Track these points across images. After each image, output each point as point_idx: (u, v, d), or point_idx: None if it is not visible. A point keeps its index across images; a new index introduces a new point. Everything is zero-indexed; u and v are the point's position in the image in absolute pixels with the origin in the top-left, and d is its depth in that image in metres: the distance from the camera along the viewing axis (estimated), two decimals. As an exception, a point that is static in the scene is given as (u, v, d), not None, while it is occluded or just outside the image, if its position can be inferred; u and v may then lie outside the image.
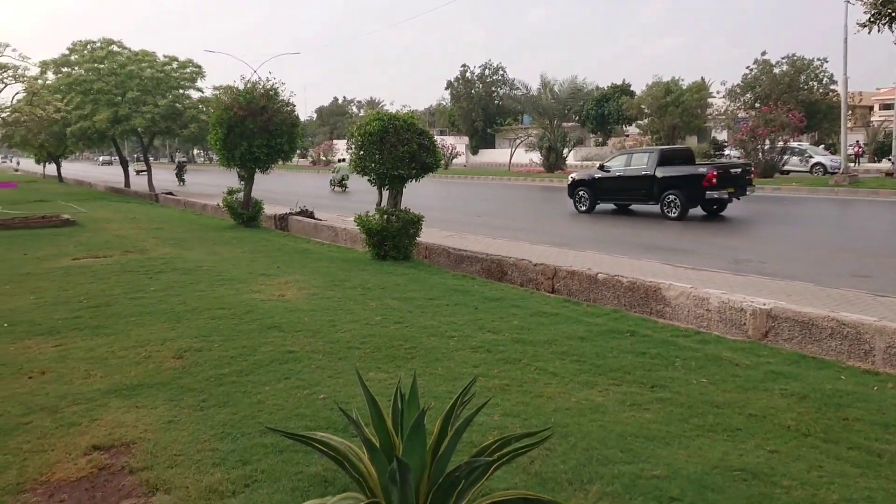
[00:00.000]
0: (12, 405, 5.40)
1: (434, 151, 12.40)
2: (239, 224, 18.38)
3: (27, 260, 12.88)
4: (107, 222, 19.69)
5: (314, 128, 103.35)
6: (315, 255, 13.24)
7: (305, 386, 5.68)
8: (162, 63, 33.82)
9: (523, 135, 55.23)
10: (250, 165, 17.72)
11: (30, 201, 27.98)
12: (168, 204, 27.97)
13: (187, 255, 13.25)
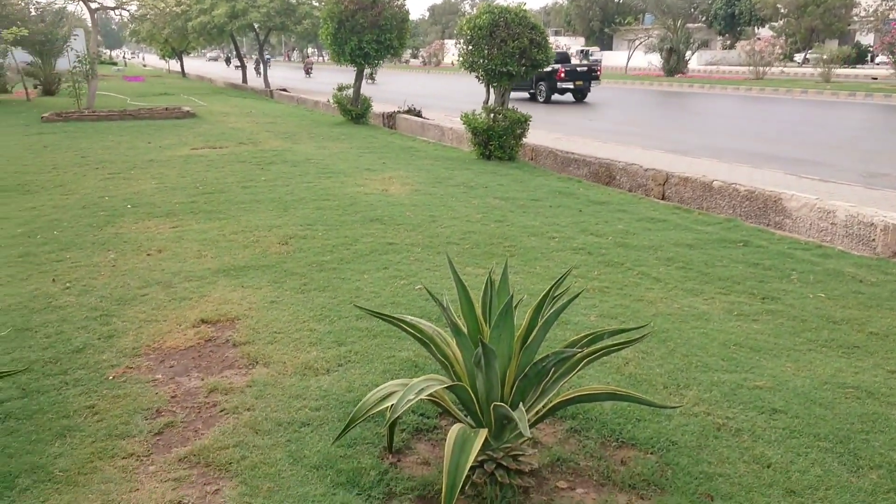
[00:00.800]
0: (132, 278, 5.76)
1: (545, 48, 11.86)
2: (348, 120, 18.54)
3: (151, 148, 13.54)
4: (224, 115, 20.35)
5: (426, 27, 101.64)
6: (420, 153, 13.21)
7: (403, 276, 5.73)
8: (278, -43, 33.72)
9: (643, 36, 52.16)
10: (360, 61, 17.63)
11: (155, 94, 29.27)
12: (281, 100, 28.54)
13: (297, 148, 13.53)
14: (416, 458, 3.14)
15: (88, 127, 17.14)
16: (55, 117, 18.44)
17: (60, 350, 4.33)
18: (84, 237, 7.10)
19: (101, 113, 19.40)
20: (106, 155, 12.64)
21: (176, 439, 3.34)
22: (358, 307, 3.81)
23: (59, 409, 3.61)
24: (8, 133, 15.91)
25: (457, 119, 16.93)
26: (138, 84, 37.15)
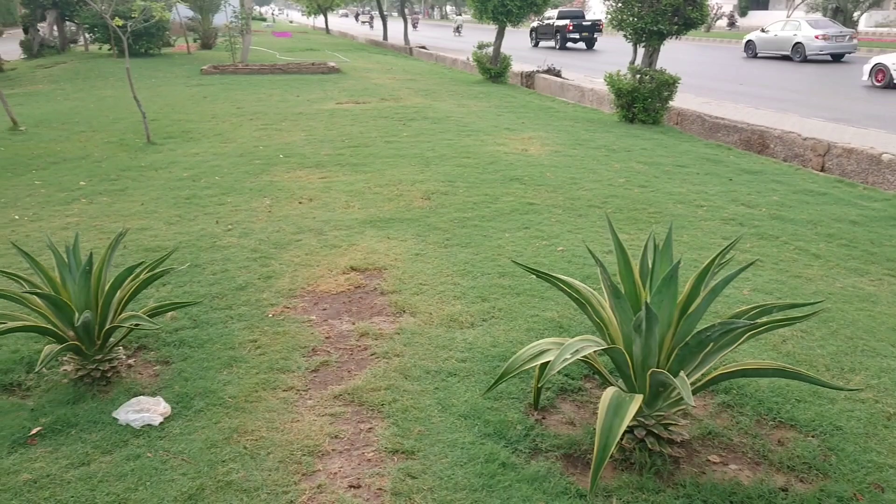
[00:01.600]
0: (286, 224, 6.08)
1: (701, 5, 11.23)
2: (486, 79, 18.47)
3: (299, 101, 14.12)
4: (366, 72, 20.84)
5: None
6: (559, 114, 12.97)
7: (544, 237, 5.70)
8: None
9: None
10: (502, 19, 17.44)
11: (302, 49, 30.37)
12: (420, 57, 28.81)
13: (437, 105, 13.66)
14: (561, 417, 3.15)
15: (243, 80, 18.09)
16: (213, 70, 19.58)
17: (225, 287, 4.65)
18: (242, 183, 7.55)
19: (253, 67, 20.40)
20: (259, 106, 13.31)
21: (331, 377, 3.52)
22: (515, 262, 3.81)
23: (225, 340, 3.90)
24: (172, 84, 17.08)
25: (597, 80, 16.46)
26: (286, 40, 38.64)
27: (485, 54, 18.55)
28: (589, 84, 15.85)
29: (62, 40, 28.13)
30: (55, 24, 27.71)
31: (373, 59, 26.45)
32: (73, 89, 16.62)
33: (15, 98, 13.68)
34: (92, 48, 28.79)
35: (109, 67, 21.29)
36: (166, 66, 21.65)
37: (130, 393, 3.34)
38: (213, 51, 28.33)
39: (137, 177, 7.93)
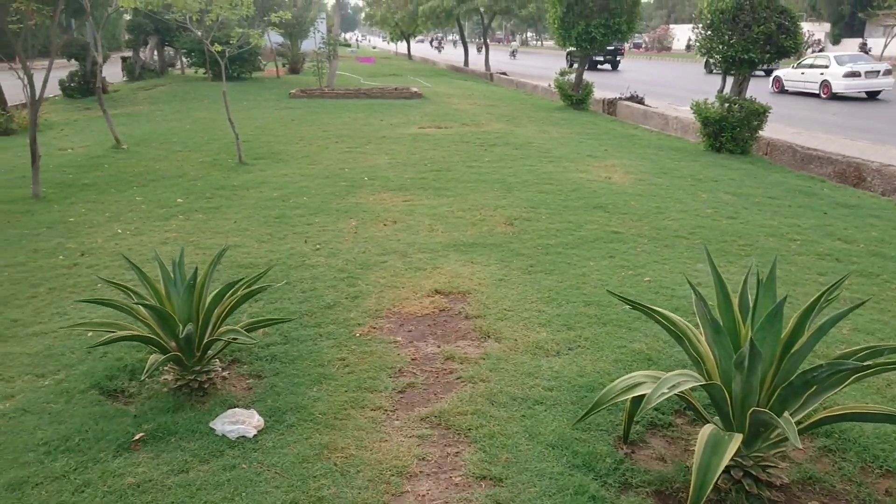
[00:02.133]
0: (372, 245, 6.20)
1: (795, 34, 10.92)
2: (568, 105, 18.42)
3: (383, 125, 14.43)
4: (447, 97, 21.12)
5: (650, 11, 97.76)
6: (643, 142, 12.80)
7: (630, 267, 5.62)
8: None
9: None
10: (585, 45, 17.40)
11: (385, 75, 31.07)
12: (501, 83, 28.99)
13: (518, 131, 13.70)
14: (651, 452, 3.08)
15: (329, 103, 18.63)
16: (300, 94, 20.26)
17: (314, 305, 4.78)
18: (329, 204, 7.75)
19: (339, 91, 21.00)
20: (344, 130, 13.67)
21: (417, 399, 3.56)
22: (610, 293, 3.79)
23: (315, 357, 4.00)
24: (262, 107, 17.75)
25: (682, 108, 16.18)
26: (369, 65, 39.61)
27: (566, 81, 18.53)
28: (673, 112, 15.60)
29: (161, 64, 29.70)
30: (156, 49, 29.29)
31: (454, 84, 26.79)
32: (170, 110, 17.49)
33: (118, 118, 14.48)
34: (188, 72, 30.28)
35: (204, 90, 22.31)
36: (257, 90, 22.53)
37: (226, 404, 3.46)
38: (301, 75, 29.33)
39: (230, 195, 8.25)
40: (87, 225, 7.04)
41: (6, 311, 4.78)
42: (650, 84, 26.86)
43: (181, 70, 31.56)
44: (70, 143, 12.64)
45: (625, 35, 17.36)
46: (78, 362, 3.95)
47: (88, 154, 11.24)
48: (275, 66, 29.51)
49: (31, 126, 8.36)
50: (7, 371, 3.88)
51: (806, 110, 18.56)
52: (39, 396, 3.58)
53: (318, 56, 22.81)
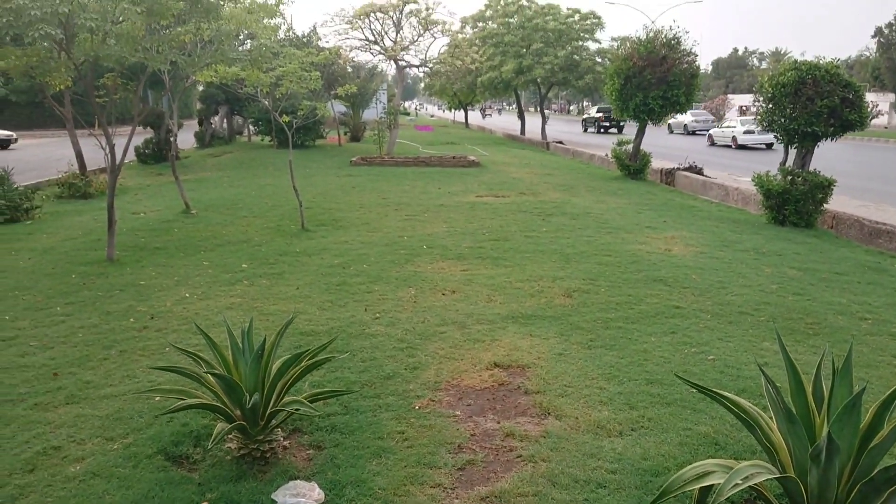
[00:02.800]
0: (431, 315, 6.25)
1: (860, 107, 10.79)
2: (625, 175, 18.43)
3: (441, 193, 14.67)
4: (504, 165, 21.40)
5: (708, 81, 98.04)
6: (702, 213, 12.67)
7: (693, 344, 5.51)
8: (565, 16, 35.02)
9: (974, 92, 44.91)
10: (643, 117, 17.52)
11: (443, 143, 31.76)
12: (557, 152, 29.28)
13: (575, 200, 13.75)
14: (721, 544, 2.96)
15: (388, 171, 19.09)
16: (361, 161, 20.84)
17: (374, 375, 4.81)
18: (388, 272, 7.87)
19: (398, 159, 21.53)
20: (403, 197, 13.95)
21: (477, 477, 3.52)
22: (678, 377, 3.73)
23: (374, 429, 4.01)
24: (324, 174, 18.30)
25: (742, 179, 16.03)
26: (428, 133, 40.59)
27: (624, 151, 18.60)
28: (733, 183, 15.46)
29: (230, 132, 31.05)
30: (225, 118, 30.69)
31: (511, 153, 27.17)
32: (237, 177, 18.18)
33: (188, 184, 15.11)
34: (254, 139, 31.55)
35: (269, 157, 23.17)
36: (319, 157, 23.27)
37: (287, 475, 3.49)
38: (362, 143, 30.22)
39: (293, 262, 8.46)
40: (157, 288, 7.30)
41: (80, 372, 4.96)
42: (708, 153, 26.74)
43: (248, 137, 32.91)
44: (143, 207, 13.22)
45: (683, 106, 17.42)
46: (146, 426, 4.05)
47: (160, 218, 11.73)
48: (337, 134, 30.50)
49: (110, 193, 8.80)
50: (79, 433, 4.01)
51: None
52: (108, 460, 3.68)
53: (379, 125, 23.54)
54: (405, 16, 23.38)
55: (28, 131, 39.04)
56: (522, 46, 34.34)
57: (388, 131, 23.68)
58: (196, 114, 31.87)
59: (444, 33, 24.24)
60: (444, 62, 24.95)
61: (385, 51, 23.89)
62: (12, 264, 8.54)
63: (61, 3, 6.49)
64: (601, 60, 33.98)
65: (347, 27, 23.42)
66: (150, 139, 22.38)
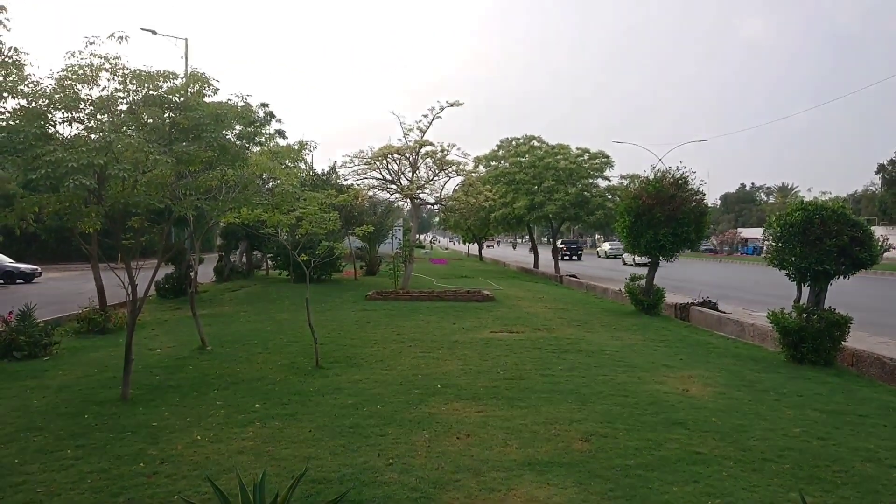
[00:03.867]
0: (445, 461, 6.12)
1: (870, 245, 10.94)
2: (639, 310, 18.45)
3: (456, 329, 14.70)
4: (518, 300, 21.51)
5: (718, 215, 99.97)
6: (719, 350, 12.57)
7: (717, 494, 5.33)
8: (575, 155, 36.45)
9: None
10: (655, 253, 17.79)
11: (457, 276, 32.13)
12: (571, 285, 29.50)
13: (590, 337, 13.71)
14: None
15: (403, 306, 19.23)
16: (376, 296, 21.07)
17: (386, 528, 4.66)
18: (402, 413, 7.78)
19: (413, 293, 21.75)
20: (418, 333, 13.98)
21: None
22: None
23: (386, 589, 3.84)
24: (339, 309, 18.46)
25: (757, 314, 15.99)
26: (442, 266, 41.17)
27: (637, 286, 18.74)
28: (749, 318, 15.42)
29: (248, 266, 31.69)
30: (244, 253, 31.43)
31: (524, 287, 27.39)
32: (254, 311, 18.38)
33: (205, 318, 15.28)
34: (272, 273, 32.12)
35: (286, 292, 23.49)
36: (335, 292, 23.55)
37: None
38: (377, 277, 30.64)
39: (306, 401, 8.40)
40: (169, 430, 7.24)
41: (86, 522, 4.85)
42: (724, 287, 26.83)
43: (266, 271, 33.50)
44: (159, 343, 13.32)
45: (694, 243, 17.72)
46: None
47: (175, 355, 11.78)
48: (353, 268, 31.01)
49: (129, 333, 8.92)
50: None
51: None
52: None
53: (395, 259, 23.96)
54: (421, 157, 24.39)
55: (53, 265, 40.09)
56: (534, 184, 35.52)
57: (404, 265, 24.08)
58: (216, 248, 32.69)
59: (458, 173, 25.18)
60: (458, 200, 25.74)
61: (402, 189, 24.75)
62: (26, 403, 8.54)
63: (97, 154, 6.89)
64: (611, 197, 34.94)
65: (366, 167, 24.43)
66: (170, 274, 22.85)
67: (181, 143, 8.29)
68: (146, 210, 8.77)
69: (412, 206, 26.41)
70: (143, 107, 8.30)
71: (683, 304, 17.96)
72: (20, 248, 35.20)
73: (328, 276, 28.17)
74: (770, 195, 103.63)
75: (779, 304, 12.15)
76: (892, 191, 68.37)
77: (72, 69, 7.96)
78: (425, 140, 24.17)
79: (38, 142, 7.07)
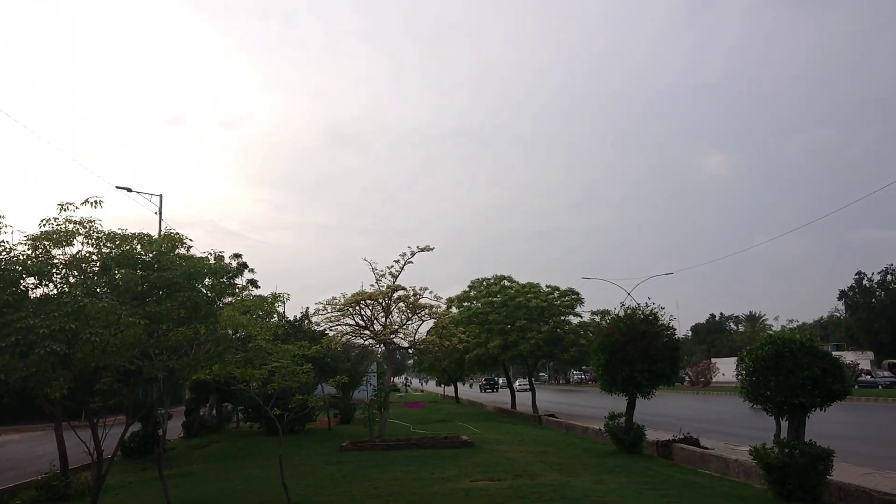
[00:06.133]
0: None
1: (841, 377, 11.06)
2: (621, 449, 18.08)
3: (434, 479, 14.20)
4: (498, 444, 21.00)
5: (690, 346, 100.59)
6: (706, 490, 12.26)
7: None
8: (545, 293, 37.00)
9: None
10: (631, 390, 17.72)
11: (434, 421, 31.42)
12: (550, 426, 28.97)
13: (573, 482, 13.31)
14: None
15: (379, 456, 18.62)
16: (351, 446, 20.42)
17: None
18: (382, 580, 7.34)
19: (390, 441, 21.14)
20: (395, 486, 13.47)
21: None
22: None
23: None
24: (313, 461, 17.80)
25: (740, 448, 15.77)
26: (418, 410, 40.32)
27: (617, 424, 18.49)
28: (732, 454, 15.19)
29: (218, 419, 30.70)
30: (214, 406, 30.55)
31: (502, 429, 26.84)
32: (223, 469, 17.62)
33: (172, 479, 14.58)
34: (243, 426, 31.11)
35: (258, 446, 22.68)
36: (309, 443, 22.80)
37: None
38: (352, 424, 29.83)
39: (279, 570, 7.92)
40: None
41: None
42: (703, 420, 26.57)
43: (237, 424, 32.46)
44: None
45: (669, 379, 17.73)
46: None
47: (140, 523, 11.13)
48: (327, 416, 30.24)
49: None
50: None
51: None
52: None
53: (370, 406, 23.46)
54: (394, 301, 24.55)
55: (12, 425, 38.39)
56: (507, 323, 35.72)
57: (379, 412, 23.56)
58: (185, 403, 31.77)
59: (431, 315, 25.28)
60: (432, 342, 25.69)
61: (375, 335, 24.69)
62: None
63: (68, 320, 6.86)
64: (583, 333, 35.18)
65: (339, 314, 24.46)
66: (137, 432, 22.01)
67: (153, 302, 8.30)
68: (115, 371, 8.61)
69: (386, 351, 26.24)
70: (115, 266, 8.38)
71: (665, 442, 17.69)
72: (-22, 409, 33.81)
73: (301, 428, 27.38)
74: (739, 324, 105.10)
75: (759, 437, 12.04)
76: (855, 315, 69.92)
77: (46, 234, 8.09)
78: (397, 285, 24.45)
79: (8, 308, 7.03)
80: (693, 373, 73.51)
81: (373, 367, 35.96)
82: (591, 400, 52.51)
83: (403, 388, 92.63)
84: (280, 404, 11.92)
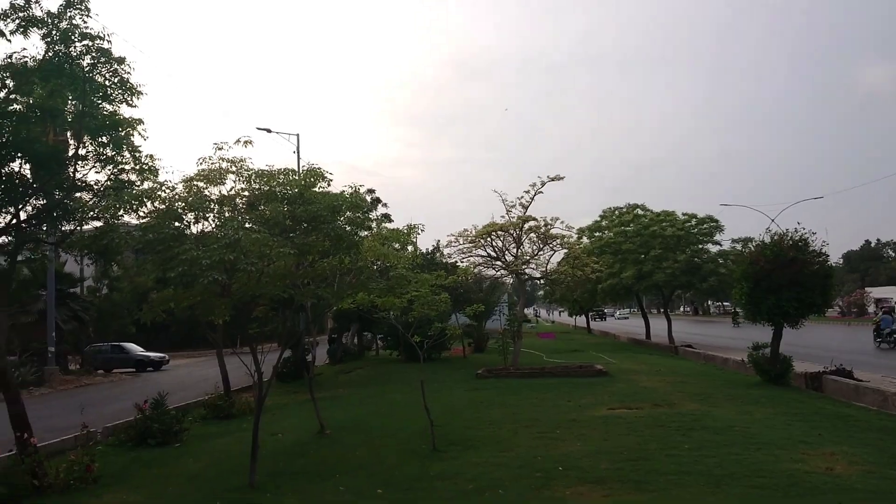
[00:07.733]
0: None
1: None
2: (765, 381, 17.37)
3: (571, 407, 14.30)
4: (633, 373, 20.77)
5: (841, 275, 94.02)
6: (860, 423, 11.60)
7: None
8: (682, 221, 35.54)
9: None
10: (778, 319, 16.86)
11: (567, 350, 31.49)
12: (688, 356, 28.26)
13: (715, 412, 12.98)
14: None
15: (515, 383, 18.98)
16: (487, 374, 20.92)
17: None
18: (525, 499, 7.57)
19: (524, 369, 21.46)
20: (533, 412, 13.70)
21: None
22: None
23: None
24: (451, 388, 18.42)
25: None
26: (550, 341, 40.52)
27: (762, 355, 17.73)
28: (891, 387, 14.22)
29: (360, 347, 32.38)
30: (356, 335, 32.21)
31: (638, 359, 26.49)
32: (367, 394, 18.64)
33: (321, 402, 15.60)
34: (382, 353, 32.64)
35: (398, 373, 23.76)
36: (445, 370, 23.59)
37: None
38: (486, 353, 30.50)
39: (427, 487, 8.35)
40: (296, 517, 7.35)
41: None
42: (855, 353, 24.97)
43: (376, 352, 34.10)
44: (281, 427, 13.69)
45: (820, 308, 16.71)
46: None
47: (297, 440, 12.06)
48: (462, 345, 31.06)
49: (255, 422, 9.26)
50: None
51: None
52: None
53: (504, 335, 23.82)
54: (525, 232, 24.48)
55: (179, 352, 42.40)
56: (641, 253, 34.79)
57: (513, 341, 23.87)
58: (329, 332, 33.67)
59: (562, 246, 25.04)
60: (564, 273, 25.53)
61: (507, 266, 24.83)
62: (161, 491, 8.93)
63: (227, 251, 7.36)
64: (723, 262, 33.67)
65: (471, 246, 24.75)
66: (287, 358, 23.64)
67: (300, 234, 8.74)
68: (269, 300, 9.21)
69: (517, 282, 26.37)
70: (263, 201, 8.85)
71: (815, 374, 16.80)
72: (149, 336, 37.50)
73: (438, 355, 28.32)
74: None
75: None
76: None
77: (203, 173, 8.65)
78: (528, 216, 24.32)
79: (174, 242, 7.65)
80: (845, 303, 68.94)
81: (503, 298, 36.34)
82: (726, 331, 50.66)
83: (534, 319, 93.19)
84: (420, 332, 12.33)
